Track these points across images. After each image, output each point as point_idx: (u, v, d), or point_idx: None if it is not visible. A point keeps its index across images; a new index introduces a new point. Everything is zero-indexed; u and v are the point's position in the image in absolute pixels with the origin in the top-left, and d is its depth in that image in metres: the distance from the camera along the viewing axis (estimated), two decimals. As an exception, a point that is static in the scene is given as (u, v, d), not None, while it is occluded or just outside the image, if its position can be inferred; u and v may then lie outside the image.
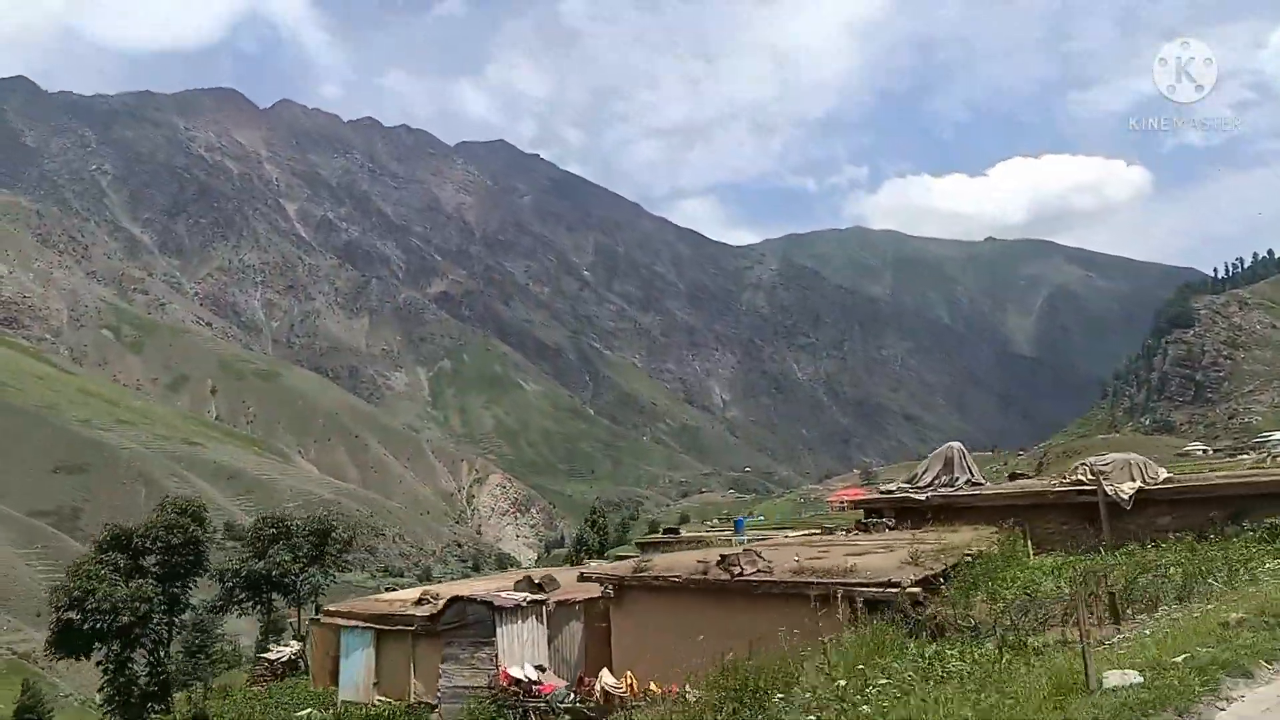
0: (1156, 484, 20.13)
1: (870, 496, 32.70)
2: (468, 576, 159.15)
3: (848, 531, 28.04)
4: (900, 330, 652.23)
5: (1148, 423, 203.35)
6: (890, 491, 27.23)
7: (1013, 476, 37.18)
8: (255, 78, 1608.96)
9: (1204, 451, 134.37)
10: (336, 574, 55.20)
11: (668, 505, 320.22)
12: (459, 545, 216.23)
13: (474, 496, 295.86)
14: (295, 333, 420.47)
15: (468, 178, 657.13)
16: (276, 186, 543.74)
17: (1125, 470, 20.31)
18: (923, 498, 24.15)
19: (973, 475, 25.19)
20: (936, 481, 25.08)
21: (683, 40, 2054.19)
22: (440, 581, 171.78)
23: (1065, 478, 22.65)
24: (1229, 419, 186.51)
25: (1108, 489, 19.83)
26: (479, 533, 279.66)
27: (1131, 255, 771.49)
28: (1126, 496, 19.58)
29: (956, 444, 26.37)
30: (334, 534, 52.01)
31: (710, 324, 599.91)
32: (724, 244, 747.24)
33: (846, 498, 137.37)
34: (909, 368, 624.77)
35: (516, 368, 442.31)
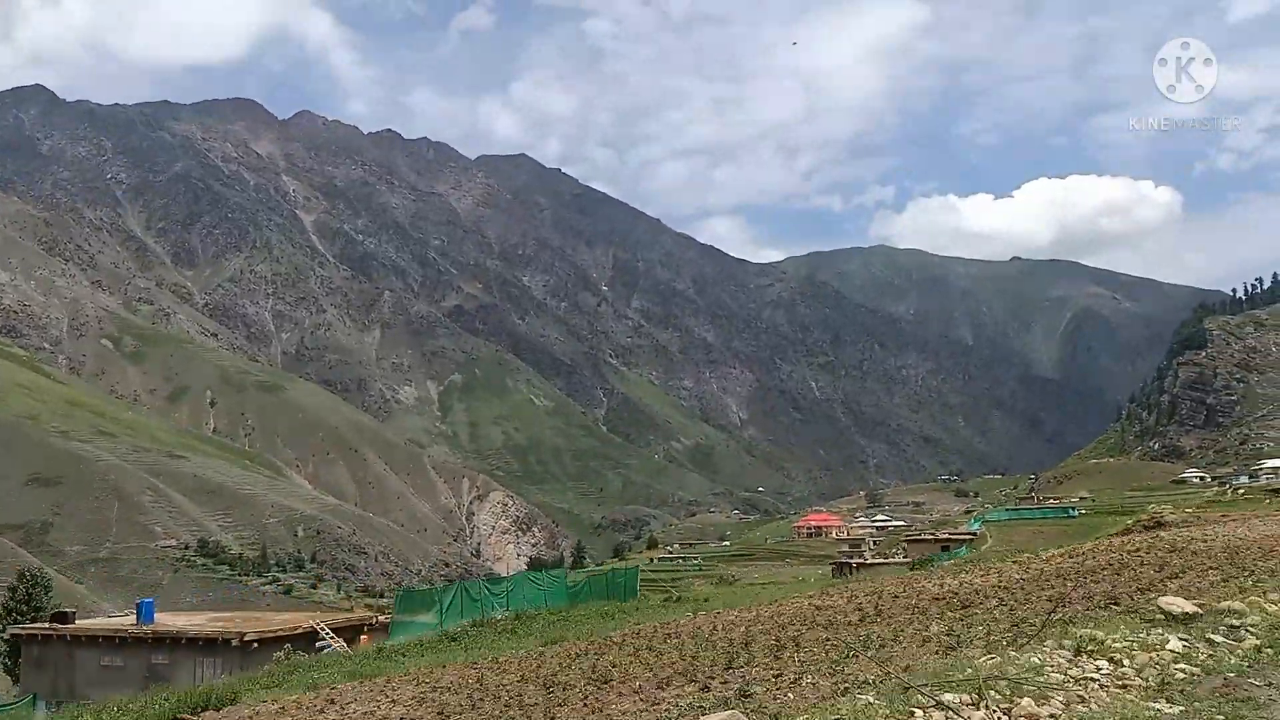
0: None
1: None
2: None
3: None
4: (922, 350, 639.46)
5: (1156, 447, 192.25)
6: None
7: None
8: (278, 91, 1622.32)
9: (1201, 479, 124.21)
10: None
11: (674, 524, 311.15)
12: (446, 565, 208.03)
13: (474, 514, 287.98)
14: (305, 345, 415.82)
15: (488, 191, 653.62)
16: (293, 198, 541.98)
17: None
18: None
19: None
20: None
21: (710, 61, 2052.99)
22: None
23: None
24: (1240, 444, 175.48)
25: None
26: (478, 551, 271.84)
27: (1159, 278, 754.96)
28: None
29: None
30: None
31: (729, 341, 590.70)
32: (745, 261, 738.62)
33: (813, 523, 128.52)
34: (930, 388, 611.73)
35: (529, 383, 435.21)
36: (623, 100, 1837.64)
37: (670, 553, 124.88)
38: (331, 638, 30.42)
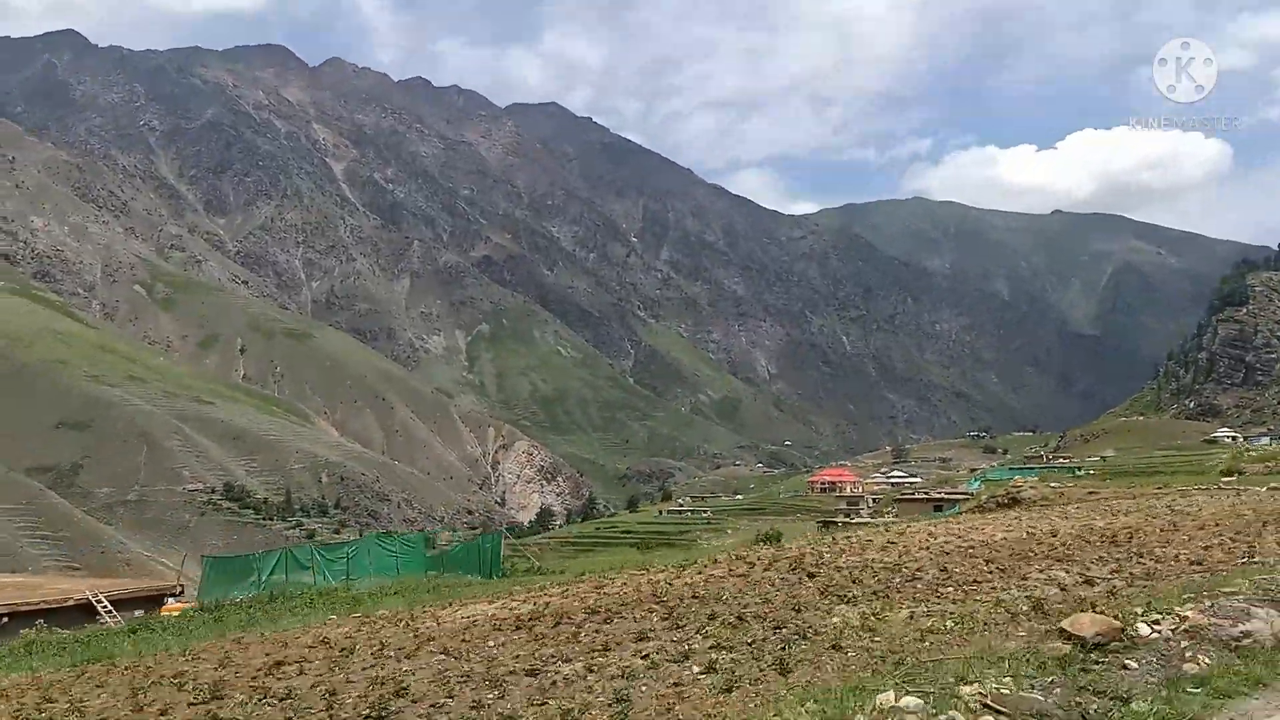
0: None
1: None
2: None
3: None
4: (957, 305, 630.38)
5: (1192, 405, 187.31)
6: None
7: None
8: (306, 38, 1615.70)
9: (1233, 438, 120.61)
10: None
11: (698, 477, 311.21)
12: (470, 512, 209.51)
13: (499, 463, 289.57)
14: (335, 293, 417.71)
15: (517, 140, 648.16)
16: (323, 145, 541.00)
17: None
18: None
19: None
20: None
21: (740, 11, 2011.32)
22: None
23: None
24: (1278, 403, 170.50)
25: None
26: (503, 500, 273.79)
27: (1204, 232, 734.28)
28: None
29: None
30: None
31: (759, 294, 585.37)
32: (777, 213, 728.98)
33: (826, 478, 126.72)
34: (963, 344, 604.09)
35: (556, 334, 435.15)
36: (651, 50, 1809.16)
37: (680, 505, 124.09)
38: (108, 611, 26.17)
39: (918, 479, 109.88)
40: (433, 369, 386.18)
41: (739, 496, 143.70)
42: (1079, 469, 73.39)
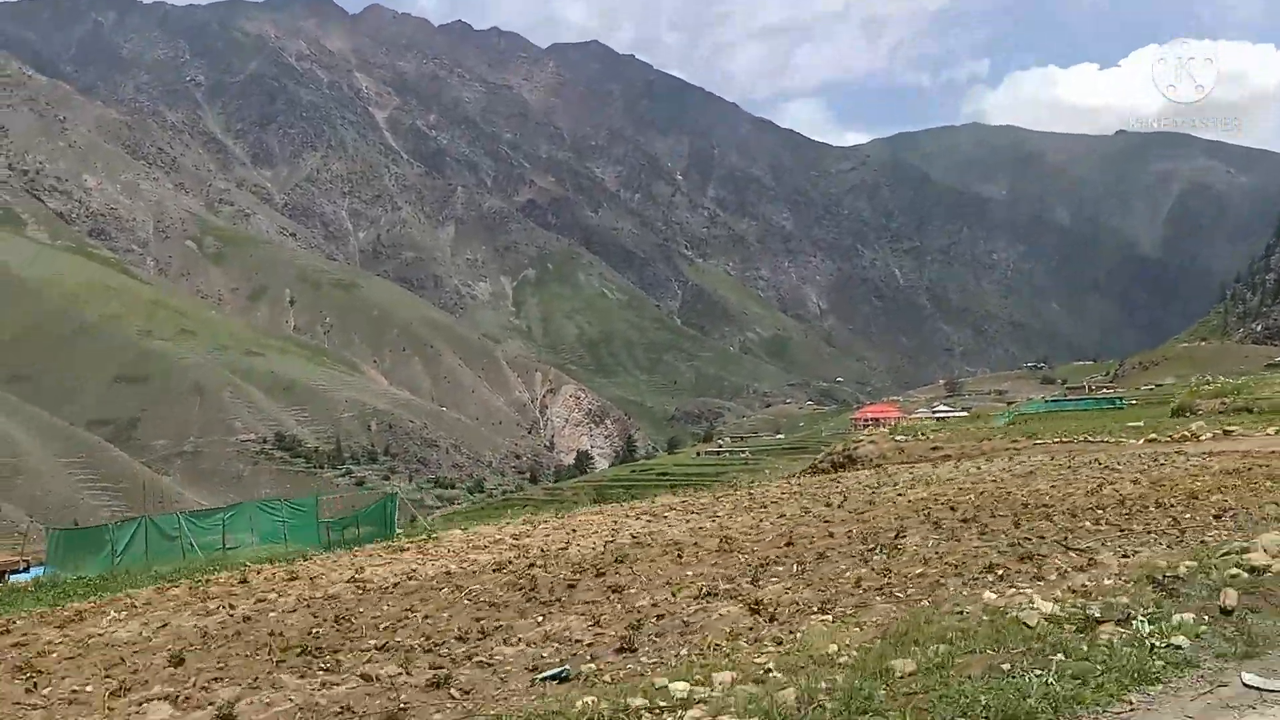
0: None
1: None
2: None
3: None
4: (1014, 233, 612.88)
5: (1259, 329, 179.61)
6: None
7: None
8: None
9: None
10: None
11: (747, 416, 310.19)
12: (517, 457, 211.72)
13: (547, 407, 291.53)
14: (381, 242, 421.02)
15: (559, 81, 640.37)
16: (366, 94, 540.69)
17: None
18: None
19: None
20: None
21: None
22: (491, 494, 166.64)
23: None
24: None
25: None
26: (551, 444, 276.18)
27: (1277, 149, 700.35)
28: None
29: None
30: None
31: (808, 229, 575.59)
32: (826, 145, 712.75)
33: (870, 415, 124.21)
34: (1021, 272, 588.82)
35: (602, 276, 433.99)
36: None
37: (719, 446, 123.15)
38: None
39: (964, 413, 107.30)
40: (479, 315, 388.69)
41: (780, 436, 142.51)
42: (1120, 400, 70.70)
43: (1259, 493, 14.12)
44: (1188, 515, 12.45)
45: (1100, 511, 13.62)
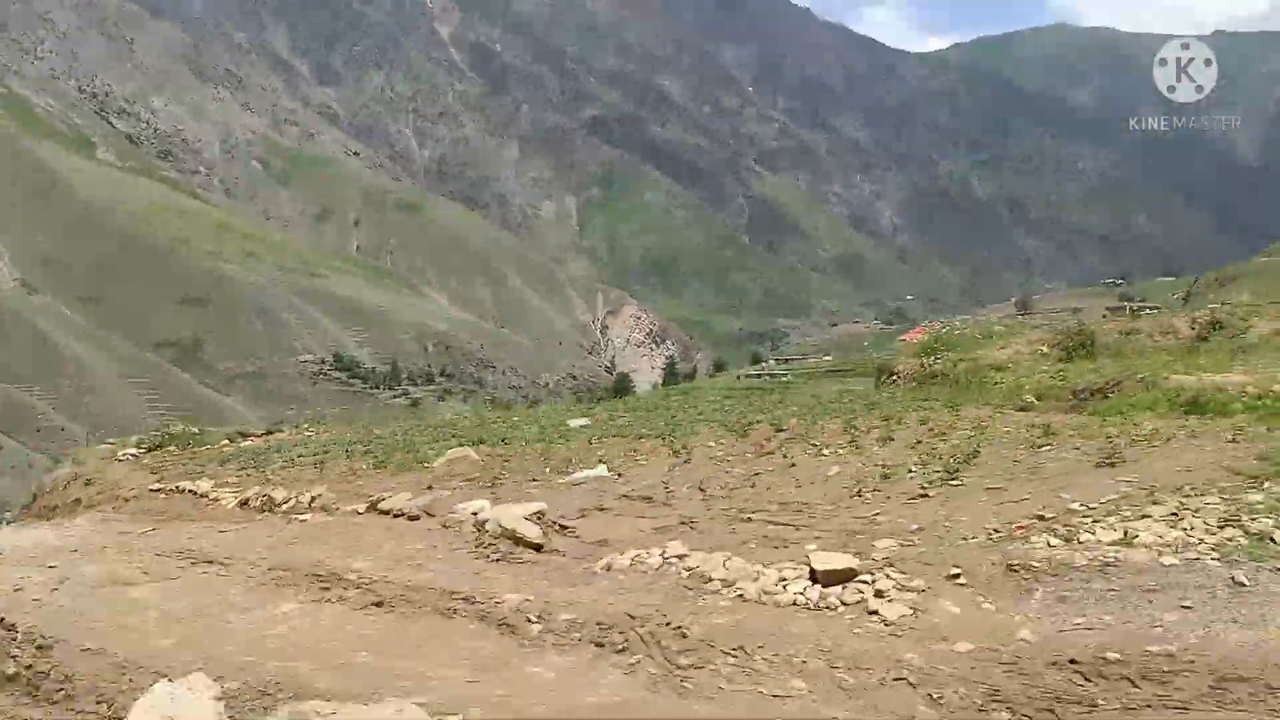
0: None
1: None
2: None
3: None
4: (1102, 140, 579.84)
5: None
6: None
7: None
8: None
9: None
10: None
11: (812, 336, 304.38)
12: (574, 378, 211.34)
13: (608, 328, 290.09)
14: (445, 162, 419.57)
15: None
16: (430, 10, 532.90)
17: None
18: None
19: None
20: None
21: None
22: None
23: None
24: None
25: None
26: (612, 364, 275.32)
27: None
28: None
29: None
30: None
31: (883, 141, 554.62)
32: (903, 51, 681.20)
33: (919, 336, 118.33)
34: (1110, 180, 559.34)
35: (668, 193, 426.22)
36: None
37: (761, 369, 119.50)
38: None
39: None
40: (544, 235, 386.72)
41: (828, 357, 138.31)
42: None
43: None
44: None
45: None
